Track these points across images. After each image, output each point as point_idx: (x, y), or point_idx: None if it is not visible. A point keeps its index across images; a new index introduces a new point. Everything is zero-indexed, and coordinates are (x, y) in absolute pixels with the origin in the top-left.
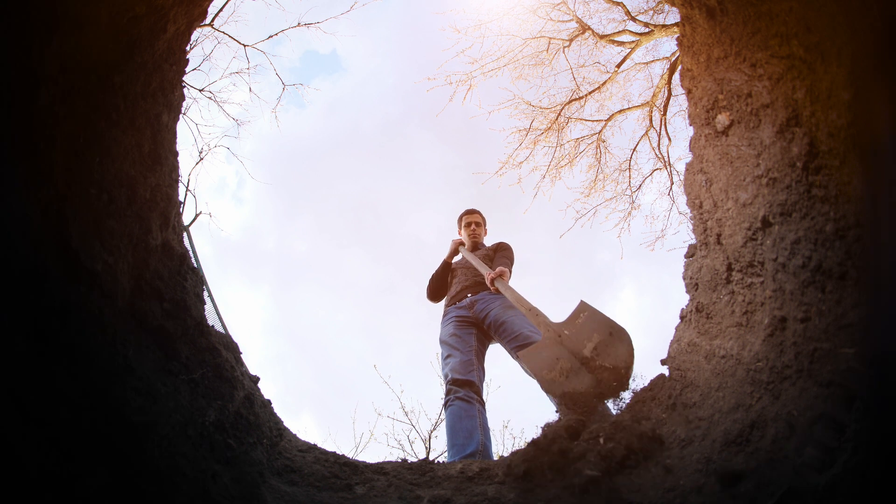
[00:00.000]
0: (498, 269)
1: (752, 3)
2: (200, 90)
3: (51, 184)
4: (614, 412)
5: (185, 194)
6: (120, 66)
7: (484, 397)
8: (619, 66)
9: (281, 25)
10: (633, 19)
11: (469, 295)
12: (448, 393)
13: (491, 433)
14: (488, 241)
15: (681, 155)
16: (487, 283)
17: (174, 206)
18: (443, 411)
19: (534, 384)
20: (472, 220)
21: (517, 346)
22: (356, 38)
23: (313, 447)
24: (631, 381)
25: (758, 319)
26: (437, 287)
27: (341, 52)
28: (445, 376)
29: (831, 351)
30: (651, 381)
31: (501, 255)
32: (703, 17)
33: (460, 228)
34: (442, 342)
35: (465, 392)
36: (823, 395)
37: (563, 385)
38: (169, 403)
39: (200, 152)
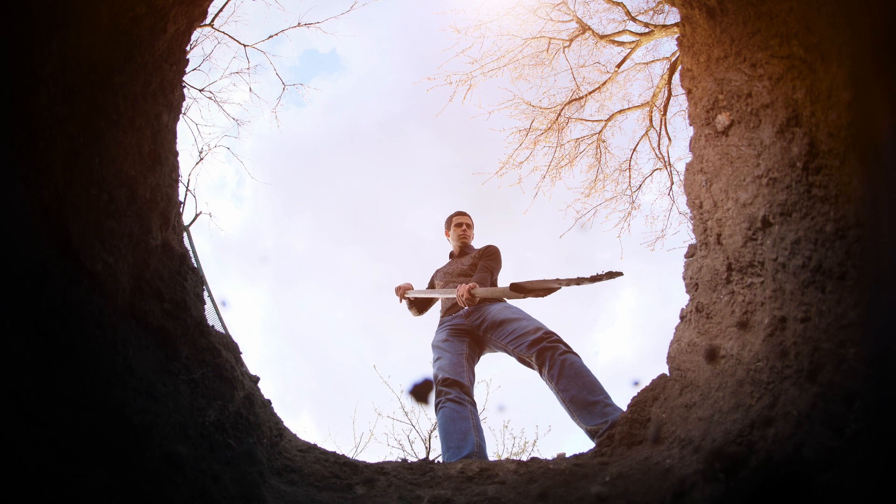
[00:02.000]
0: (468, 285)
1: (752, 3)
2: (200, 90)
3: (51, 184)
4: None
5: (185, 194)
6: (120, 66)
7: (475, 398)
8: (619, 66)
9: (281, 25)
10: (633, 19)
11: (465, 306)
12: (438, 395)
13: (486, 433)
14: (477, 243)
15: (681, 155)
16: (461, 303)
17: (174, 206)
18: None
19: (532, 385)
20: (463, 222)
21: (512, 340)
22: (356, 37)
23: (313, 447)
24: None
25: (758, 319)
26: (416, 308)
27: (341, 51)
28: (435, 377)
29: (831, 351)
30: (651, 381)
31: (483, 263)
32: (703, 17)
33: (449, 230)
34: (434, 347)
35: (455, 393)
36: (823, 395)
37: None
38: (169, 403)
39: (200, 152)
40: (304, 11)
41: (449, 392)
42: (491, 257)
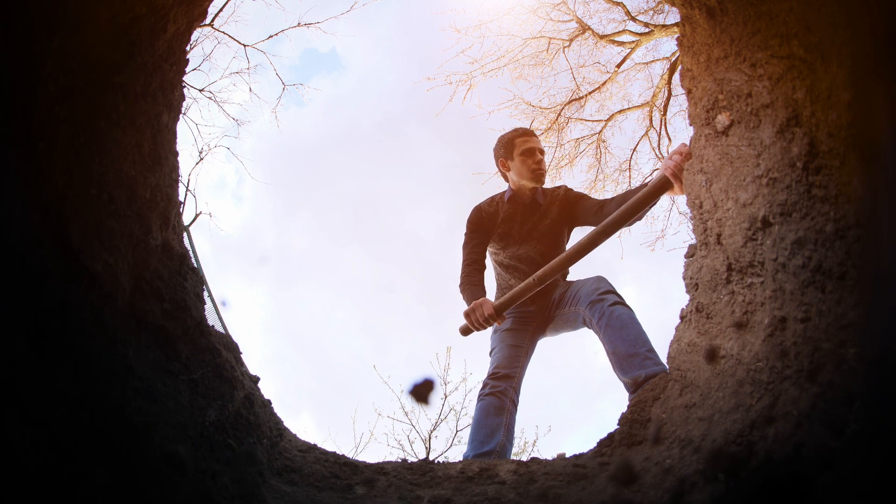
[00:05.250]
0: (682, 153)
1: (752, 3)
2: (200, 90)
3: (51, 184)
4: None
5: (185, 194)
6: (120, 67)
7: (519, 397)
8: (619, 66)
9: (281, 25)
10: (633, 19)
11: (533, 300)
12: (484, 386)
13: (514, 436)
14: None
15: None
16: (680, 176)
17: (174, 206)
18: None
19: (532, 385)
20: (538, 147)
21: (572, 300)
22: (356, 37)
23: (313, 447)
24: None
25: (758, 319)
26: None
27: (341, 50)
28: (490, 365)
29: (831, 351)
30: (652, 381)
31: (586, 198)
32: (703, 17)
33: (509, 159)
34: (495, 332)
35: (501, 387)
36: (823, 395)
37: None
38: (169, 403)
39: (200, 152)
40: (304, 11)
41: (496, 385)
42: (587, 196)
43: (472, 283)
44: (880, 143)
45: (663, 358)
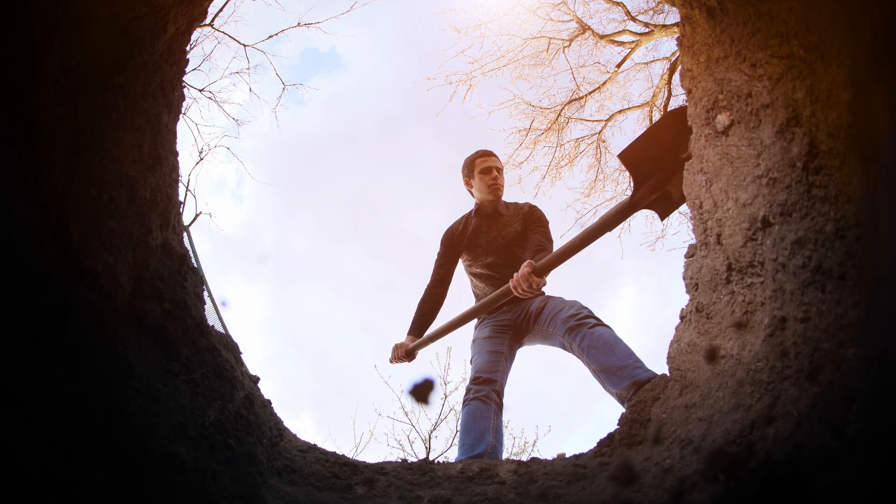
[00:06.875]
0: (524, 272)
1: (752, 3)
2: (200, 90)
3: (51, 184)
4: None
5: (185, 194)
6: (120, 66)
7: (504, 401)
8: (619, 66)
9: (281, 25)
10: (633, 19)
11: (508, 308)
12: (468, 392)
13: (504, 437)
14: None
15: None
16: (524, 296)
17: (174, 206)
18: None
19: (532, 385)
20: (492, 165)
21: (550, 321)
22: (356, 37)
23: (313, 447)
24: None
25: (758, 319)
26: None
27: (340, 49)
28: (471, 372)
29: (831, 351)
30: (652, 381)
31: (543, 231)
32: (703, 17)
33: (471, 178)
34: (473, 343)
35: (485, 391)
36: (823, 395)
37: None
38: (169, 403)
39: (200, 152)
40: (304, 11)
41: (480, 390)
42: (545, 225)
43: (418, 312)
44: (880, 143)
45: (660, 361)
